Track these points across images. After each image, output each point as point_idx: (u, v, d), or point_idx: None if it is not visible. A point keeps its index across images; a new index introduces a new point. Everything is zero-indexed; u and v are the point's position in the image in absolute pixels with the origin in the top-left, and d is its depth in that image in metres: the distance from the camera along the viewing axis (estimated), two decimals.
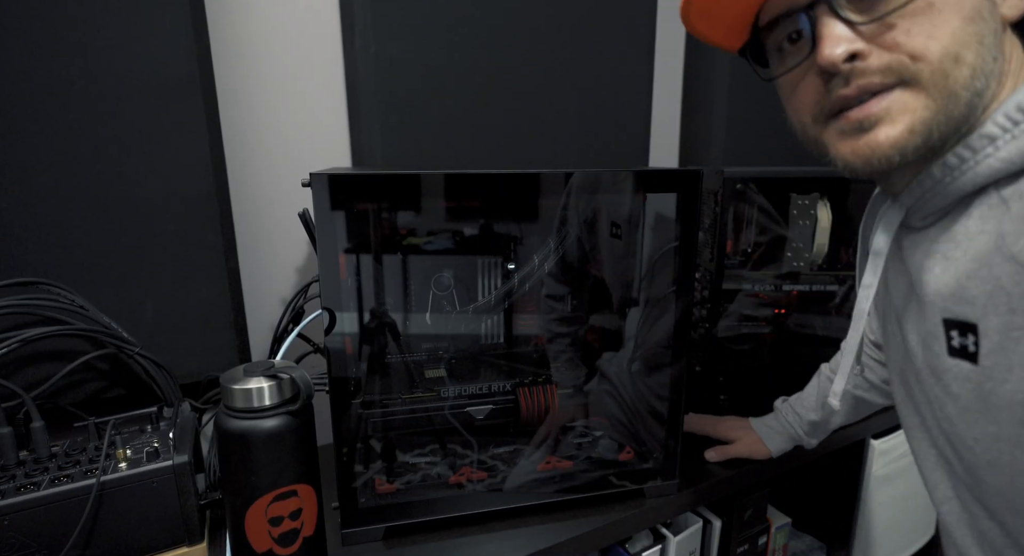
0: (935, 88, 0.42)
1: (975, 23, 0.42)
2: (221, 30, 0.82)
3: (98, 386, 0.75)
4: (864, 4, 0.43)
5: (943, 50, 0.41)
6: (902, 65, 0.42)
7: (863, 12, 0.43)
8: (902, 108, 0.43)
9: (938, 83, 0.42)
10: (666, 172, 0.75)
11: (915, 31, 0.41)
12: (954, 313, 0.44)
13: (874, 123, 0.44)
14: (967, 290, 0.43)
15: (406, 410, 0.76)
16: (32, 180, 0.68)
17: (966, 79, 0.42)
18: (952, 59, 0.41)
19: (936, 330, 0.46)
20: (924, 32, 0.41)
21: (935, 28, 0.41)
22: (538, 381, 0.80)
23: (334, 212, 0.64)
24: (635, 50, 1.05)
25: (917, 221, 0.48)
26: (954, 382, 0.46)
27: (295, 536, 0.62)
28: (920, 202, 0.47)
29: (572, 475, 0.79)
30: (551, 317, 0.84)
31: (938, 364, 0.47)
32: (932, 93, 0.42)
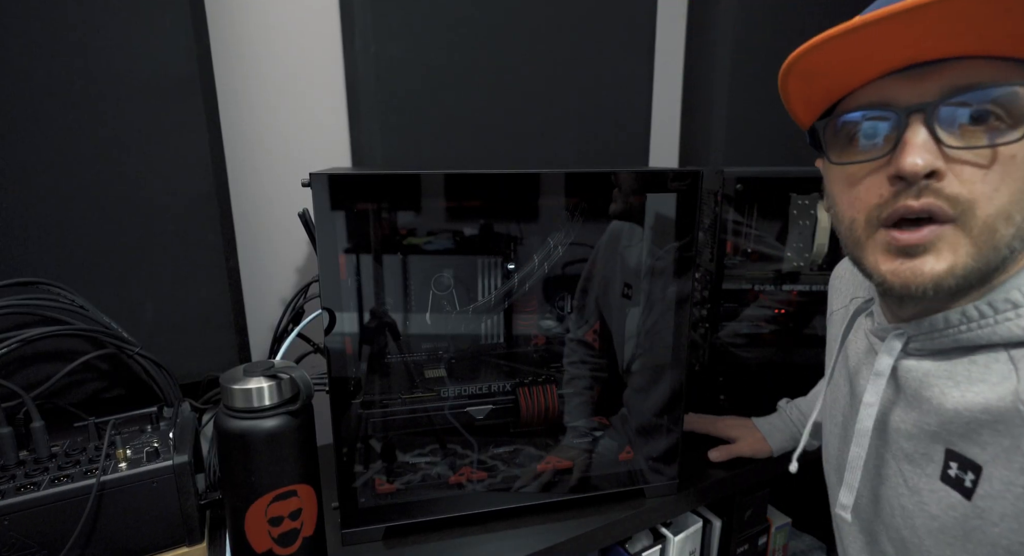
0: (981, 239, 0.43)
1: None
2: (221, 30, 0.82)
3: (98, 386, 0.75)
4: (957, 130, 0.43)
5: (1000, 208, 0.42)
6: (968, 203, 0.43)
7: (955, 136, 0.43)
8: (950, 247, 0.44)
9: (985, 236, 0.43)
10: (666, 172, 0.75)
11: (989, 178, 0.42)
12: (960, 448, 0.46)
13: (921, 252, 0.44)
14: (980, 436, 0.45)
15: (406, 410, 0.76)
16: (32, 180, 0.68)
17: (1009, 238, 0.43)
18: (1004, 218, 0.42)
19: (933, 454, 0.48)
20: (995, 182, 0.42)
21: (1002, 182, 0.42)
22: (538, 381, 0.80)
23: (334, 212, 0.64)
24: (635, 50, 1.05)
25: (913, 350, 0.50)
26: (937, 504, 0.48)
27: (295, 536, 0.62)
28: (926, 338, 0.48)
29: (572, 475, 0.79)
30: (574, 359, 0.85)
31: (923, 482, 0.49)
32: (977, 242, 0.43)
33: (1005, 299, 0.44)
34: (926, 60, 0.43)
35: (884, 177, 0.45)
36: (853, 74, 0.46)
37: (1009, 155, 0.42)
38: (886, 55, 0.43)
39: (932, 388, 0.48)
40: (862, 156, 0.46)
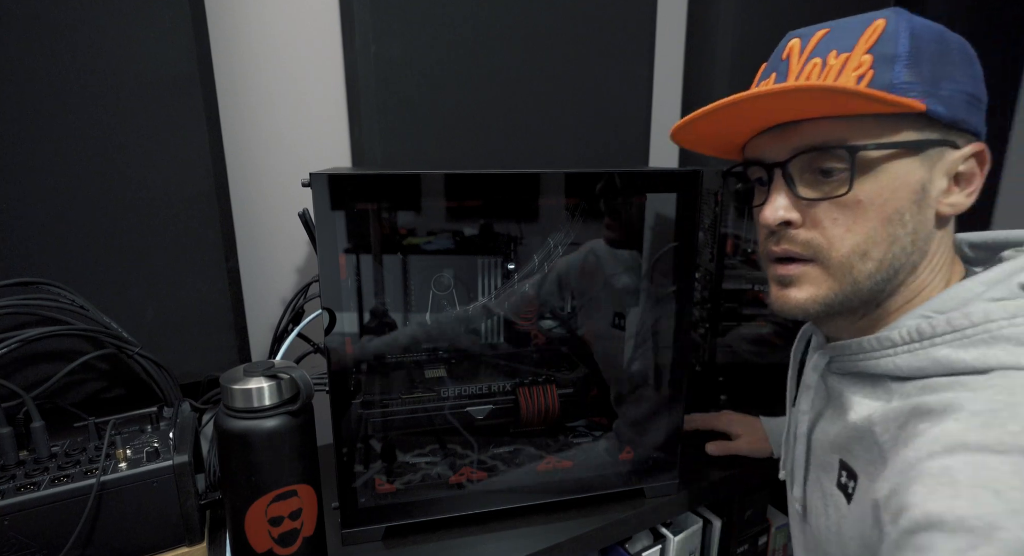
0: (839, 275, 0.49)
1: (892, 225, 0.48)
2: (221, 30, 0.82)
3: (98, 386, 0.75)
4: (813, 179, 0.50)
5: (853, 245, 0.48)
6: (819, 246, 0.49)
7: (809, 187, 0.50)
8: (810, 281, 0.51)
9: (843, 272, 0.49)
10: (666, 172, 0.75)
11: (840, 222, 0.48)
12: (846, 458, 0.53)
13: (788, 283, 0.52)
14: (853, 449, 0.52)
15: (406, 410, 0.76)
16: (32, 180, 0.68)
17: (869, 272, 0.49)
18: (859, 254, 0.48)
19: (834, 462, 0.55)
20: (844, 225, 0.48)
21: (854, 223, 0.48)
22: (538, 381, 0.80)
23: (334, 212, 0.64)
24: (635, 50, 1.05)
25: (834, 368, 0.57)
26: (834, 508, 0.54)
27: (295, 536, 0.62)
28: (838, 360, 0.55)
29: (572, 475, 0.79)
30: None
31: (829, 488, 0.56)
32: (836, 277, 0.50)
33: (887, 337, 0.50)
34: (786, 121, 0.50)
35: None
36: (731, 137, 0.55)
37: (855, 201, 0.48)
38: (753, 122, 0.52)
39: (840, 405, 0.55)
40: (756, 201, 0.55)
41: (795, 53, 0.51)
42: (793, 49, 0.52)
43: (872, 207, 0.48)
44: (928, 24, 0.48)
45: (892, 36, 0.46)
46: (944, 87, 0.46)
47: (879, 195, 0.47)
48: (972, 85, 0.48)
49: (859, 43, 0.47)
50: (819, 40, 0.50)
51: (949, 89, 0.47)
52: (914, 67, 0.46)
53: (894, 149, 0.47)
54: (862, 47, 0.47)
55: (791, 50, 0.52)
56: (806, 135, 0.49)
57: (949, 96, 0.47)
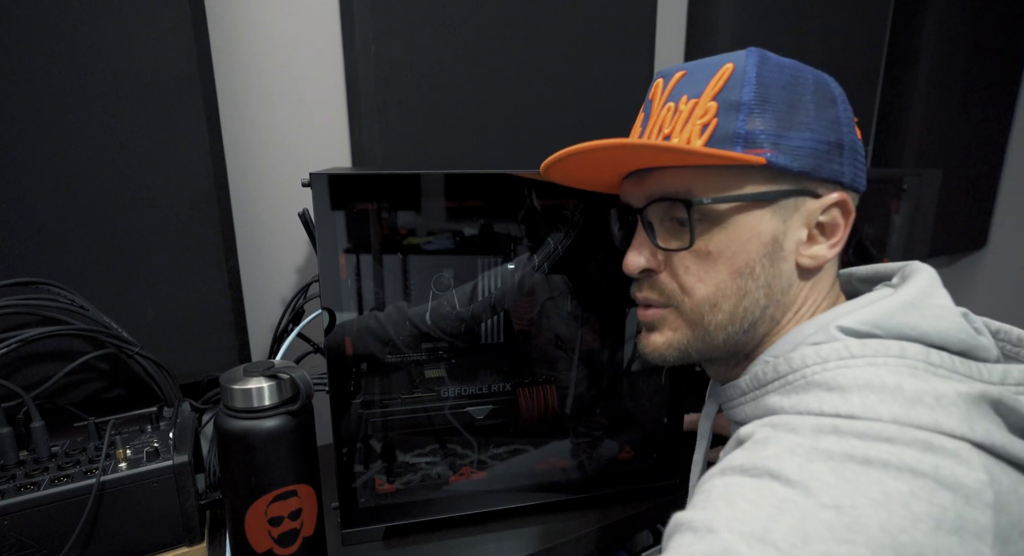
0: (692, 323, 0.50)
1: (742, 278, 0.47)
2: (221, 30, 0.82)
3: (98, 386, 0.75)
4: (670, 227, 0.49)
5: (704, 295, 0.48)
6: (674, 293, 0.50)
7: (667, 235, 0.50)
8: (667, 325, 0.51)
9: (695, 320, 0.49)
10: None
11: (692, 270, 0.48)
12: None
13: (649, 328, 0.53)
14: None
15: (406, 410, 0.76)
16: (32, 180, 0.68)
17: (720, 323, 0.48)
18: (710, 305, 0.48)
19: None
20: (697, 275, 0.48)
21: (706, 274, 0.48)
22: (538, 381, 0.80)
23: (334, 212, 0.64)
24: (635, 50, 1.05)
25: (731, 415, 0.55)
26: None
27: (295, 536, 0.62)
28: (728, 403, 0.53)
29: (572, 475, 0.79)
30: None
31: None
32: (690, 325, 0.50)
33: (736, 385, 0.50)
34: (641, 169, 0.50)
35: None
36: (599, 179, 0.55)
37: (706, 251, 0.47)
38: (614, 168, 0.51)
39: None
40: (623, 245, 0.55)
41: (658, 93, 0.50)
42: (656, 89, 0.51)
43: (722, 259, 0.47)
44: (783, 65, 0.46)
45: (738, 82, 0.44)
46: (792, 137, 0.44)
47: (728, 247, 0.46)
48: (828, 132, 0.46)
49: (707, 89, 0.46)
50: (676, 83, 0.49)
51: (799, 138, 0.44)
52: (760, 116, 0.44)
53: (738, 201, 0.46)
54: (709, 93, 0.46)
55: (655, 90, 0.51)
56: (656, 184, 0.49)
57: (798, 146, 0.44)
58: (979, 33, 1.51)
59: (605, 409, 0.85)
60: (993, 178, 1.77)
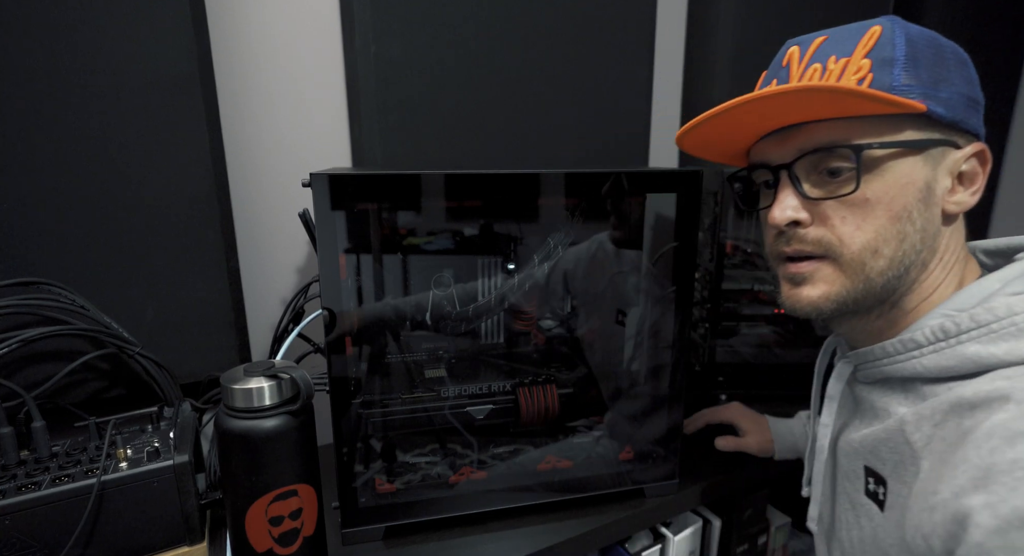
0: (852, 272, 0.50)
1: (901, 222, 0.48)
2: (221, 30, 0.82)
3: (99, 386, 0.75)
4: (819, 179, 0.50)
5: (864, 243, 0.49)
6: (830, 244, 0.50)
7: (817, 186, 0.50)
8: (823, 278, 0.51)
9: (855, 269, 0.50)
10: (666, 172, 0.75)
11: (849, 220, 0.49)
12: (872, 465, 0.53)
13: (800, 281, 0.52)
14: (879, 452, 0.52)
15: (406, 410, 0.76)
16: (32, 180, 0.68)
17: (882, 269, 0.49)
18: (871, 252, 0.49)
19: (859, 470, 0.55)
20: (854, 223, 0.49)
21: (864, 221, 0.49)
22: (538, 381, 0.80)
23: (334, 212, 0.64)
24: (635, 50, 1.05)
25: (860, 377, 0.57)
26: (865, 517, 0.54)
27: (295, 536, 0.62)
28: (863, 368, 0.55)
29: (572, 475, 0.79)
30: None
31: (857, 497, 0.56)
32: (849, 274, 0.50)
33: (911, 339, 0.50)
34: (790, 124, 0.51)
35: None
36: (736, 141, 0.56)
37: (863, 199, 0.48)
38: (756, 126, 0.53)
39: (868, 412, 0.55)
40: (763, 203, 0.56)
41: (795, 59, 0.52)
42: (792, 56, 0.53)
43: (880, 205, 0.48)
44: (922, 30, 0.49)
45: (888, 41, 0.47)
46: (942, 89, 0.47)
47: (886, 193, 0.48)
48: (968, 88, 0.49)
49: (857, 48, 0.48)
50: (818, 46, 0.51)
51: (947, 91, 0.48)
52: (911, 70, 0.47)
53: (898, 148, 0.48)
54: (860, 52, 0.48)
55: (791, 57, 0.53)
56: (811, 136, 0.50)
57: (947, 98, 0.48)
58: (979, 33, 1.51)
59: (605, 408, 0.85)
60: (992, 177, 1.77)
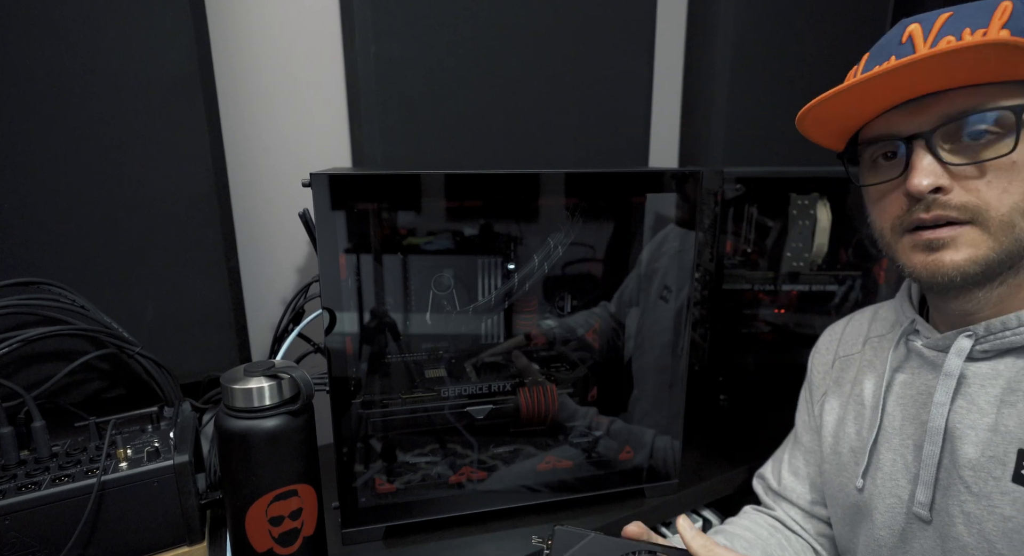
0: (1001, 234, 0.49)
1: None
2: (221, 30, 0.82)
3: (99, 386, 0.75)
4: (957, 146, 0.49)
5: (1013, 205, 0.48)
6: (977, 208, 0.49)
7: (955, 153, 0.49)
8: (969, 242, 0.50)
9: (1004, 231, 0.49)
10: (666, 172, 0.75)
11: (995, 183, 0.48)
12: None
13: (941, 246, 0.51)
14: None
15: (406, 410, 0.76)
16: (33, 180, 0.68)
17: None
18: (1020, 213, 0.48)
19: (1004, 456, 0.51)
20: (1001, 185, 0.48)
21: (1011, 184, 0.48)
22: (538, 381, 0.80)
23: (334, 212, 0.64)
24: (635, 50, 1.05)
25: (979, 353, 0.54)
26: (1010, 505, 0.50)
27: (295, 536, 0.62)
28: (996, 337, 0.53)
29: (572, 475, 0.79)
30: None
31: (991, 486, 0.51)
32: (998, 237, 0.49)
33: None
34: (923, 94, 0.50)
35: (901, 194, 0.52)
36: (861, 115, 0.55)
37: (1010, 162, 0.48)
38: (886, 99, 0.52)
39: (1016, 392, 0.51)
40: (882, 177, 0.55)
41: (918, 36, 0.50)
42: (915, 33, 0.51)
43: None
44: None
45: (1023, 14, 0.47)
46: None
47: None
48: None
49: (993, 20, 0.47)
50: (945, 21, 0.49)
51: None
52: None
53: None
54: (997, 23, 0.47)
55: (912, 34, 0.51)
56: (955, 103, 0.49)
57: None
58: None
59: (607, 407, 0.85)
60: None
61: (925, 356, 0.58)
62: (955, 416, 0.54)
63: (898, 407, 0.60)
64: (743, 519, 0.75)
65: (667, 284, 0.80)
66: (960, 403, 0.54)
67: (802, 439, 0.73)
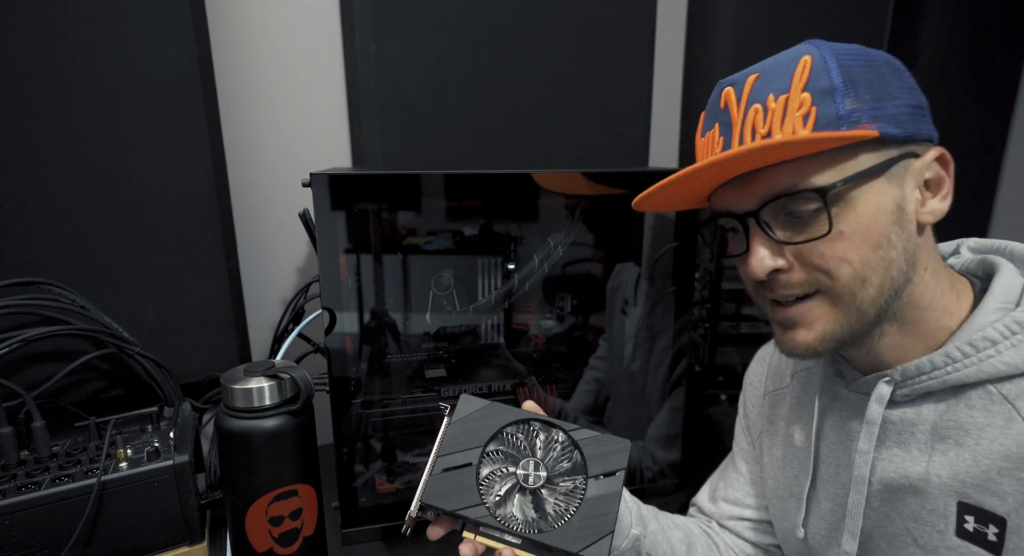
0: (845, 304, 0.49)
1: (882, 249, 0.47)
2: (221, 30, 0.82)
3: (99, 386, 0.75)
4: (787, 222, 0.49)
5: (852, 273, 0.48)
6: (818, 280, 0.49)
7: (785, 229, 0.49)
8: (816, 317, 0.50)
9: (847, 300, 0.48)
10: (666, 172, 0.75)
11: (829, 255, 0.48)
12: (976, 501, 0.48)
13: (793, 324, 0.51)
14: (997, 485, 0.47)
15: (406, 410, 0.76)
16: (32, 180, 0.68)
17: (872, 298, 0.48)
18: (860, 281, 0.48)
19: (943, 509, 0.50)
20: (837, 256, 0.48)
21: (845, 253, 0.47)
22: (538, 381, 0.80)
23: (334, 212, 0.64)
24: (635, 50, 1.05)
25: (900, 397, 0.53)
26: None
27: (295, 536, 0.62)
28: (913, 382, 0.51)
29: None
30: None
31: (936, 540, 0.50)
32: (842, 308, 0.49)
33: (983, 337, 0.48)
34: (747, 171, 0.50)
35: None
36: (692, 196, 0.56)
37: (839, 234, 0.47)
38: (715, 180, 0.52)
39: (944, 439, 0.50)
40: (735, 250, 0.54)
41: (732, 101, 0.51)
42: (729, 97, 0.51)
43: (857, 236, 0.47)
44: (850, 48, 0.48)
45: (822, 69, 0.46)
46: (887, 106, 0.46)
47: (860, 223, 0.47)
48: (911, 96, 0.48)
49: (793, 82, 0.47)
50: (752, 85, 0.49)
51: (893, 107, 0.47)
52: (853, 94, 0.46)
53: (859, 179, 0.47)
54: (797, 86, 0.47)
55: (727, 99, 0.51)
56: (769, 182, 0.49)
57: (895, 114, 0.46)
58: (979, 33, 1.51)
59: None
60: (992, 178, 1.76)
61: (849, 398, 0.57)
62: (889, 465, 0.53)
63: (831, 454, 0.59)
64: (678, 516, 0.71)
65: (627, 298, 0.80)
66: (894, 451, 0.53)
67: (740, 468, 0.70)
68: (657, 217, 0.76)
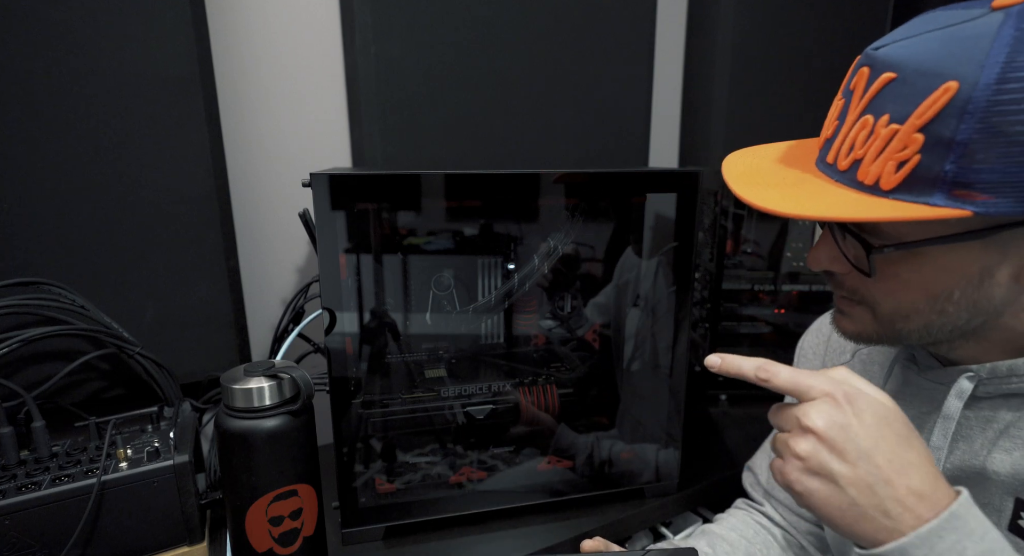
0: (884, 327, 0.48)
1: (939, 301, 0.44)
2: (221, 30, 0.82)
3: (99, 386, 0.75)
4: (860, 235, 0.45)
5: (894, 308, 0.46)
6: (864, 296, 0.48)
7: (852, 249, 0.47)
8: (856, 318, 0.50)
9: (886, 324, 0.48)
10: (666, 172, 0.75)
11: (875, 289, 0.46)
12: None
13: (840, 311, 0.52)
14: None
15: (406, 410, 0.76)
16: (32, 180, 0.68)
17: (914, 330, 0.47)
18: (902, 316, 0.46)
19: (999, 504, 0.49)
20: (887, 289, 0.46)
21: (897, 292, 0.45)
22: (538, 381, 0.80)
23: (334, 212, 0.64)
24: (635, 51, 1.05)
25: (982, 393, 0.50)
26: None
27: (295, 536, 0.62)
28: (1000, 382, 0.49)
29: (572, 475, 0.79)
30: None
31: None
32: (882, 326, 0.48)
33: None
34: None
35: None
36: None
37: (893, 274, 0.45)
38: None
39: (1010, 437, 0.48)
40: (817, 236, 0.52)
41: (859, 90, 0.43)
42: (858, 84, 0.43)
43: (912, 284, 0.44)
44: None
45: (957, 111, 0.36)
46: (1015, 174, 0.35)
47: (921, 277, 0.43)
48: None
49: (914, 115, 0.38)
50: (881, 87, 0.41)
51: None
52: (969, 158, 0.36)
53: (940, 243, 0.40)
54: (915, 122, 0.38)
55: (858, 81, 0.43)
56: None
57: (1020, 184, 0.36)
58: None
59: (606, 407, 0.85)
60: None
61: (922, 386, 0.54)
62: (951, 456, 0.52)
63: None
64: (730, 518, 0.74)
65: (639, 293, 0.80)
66: (959, 444, 0.51)
67: None
68: (657, 217, 0.76)
